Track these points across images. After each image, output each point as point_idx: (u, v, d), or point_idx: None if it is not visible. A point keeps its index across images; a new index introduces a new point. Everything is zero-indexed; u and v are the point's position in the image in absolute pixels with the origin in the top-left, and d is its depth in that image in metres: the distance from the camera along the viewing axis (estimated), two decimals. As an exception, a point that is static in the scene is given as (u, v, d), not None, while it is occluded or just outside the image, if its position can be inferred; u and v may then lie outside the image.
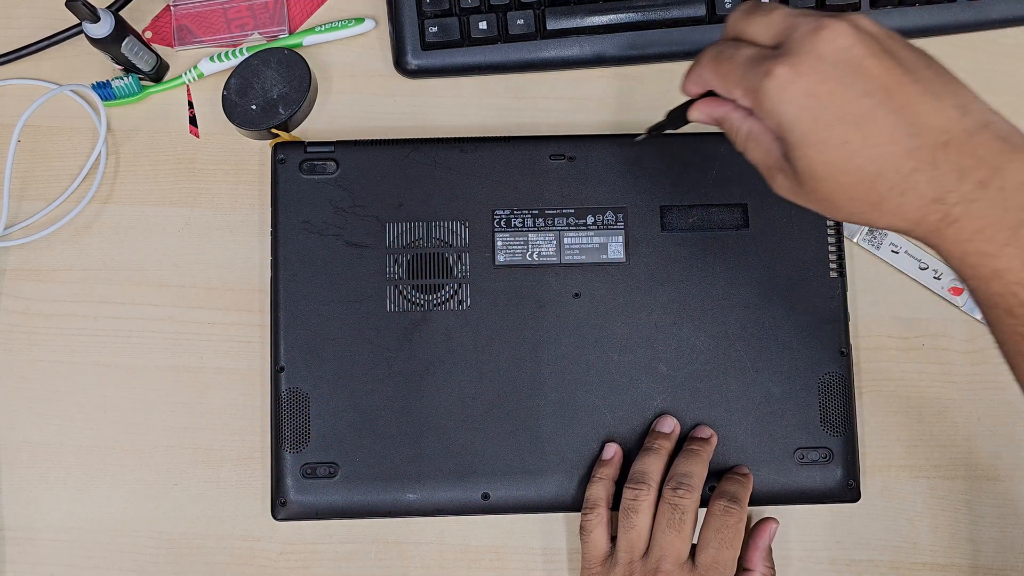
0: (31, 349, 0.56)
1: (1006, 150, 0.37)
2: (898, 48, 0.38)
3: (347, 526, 0.55)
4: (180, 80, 0.58)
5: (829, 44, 0.37)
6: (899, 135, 0.37)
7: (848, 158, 0.37)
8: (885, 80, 0.37)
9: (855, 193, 0.38)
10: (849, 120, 0.37)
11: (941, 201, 0.37)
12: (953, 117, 0.37)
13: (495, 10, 0.56)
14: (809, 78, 0.37)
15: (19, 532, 0.55)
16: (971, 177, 0.36)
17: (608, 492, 0.51)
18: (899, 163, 0.37)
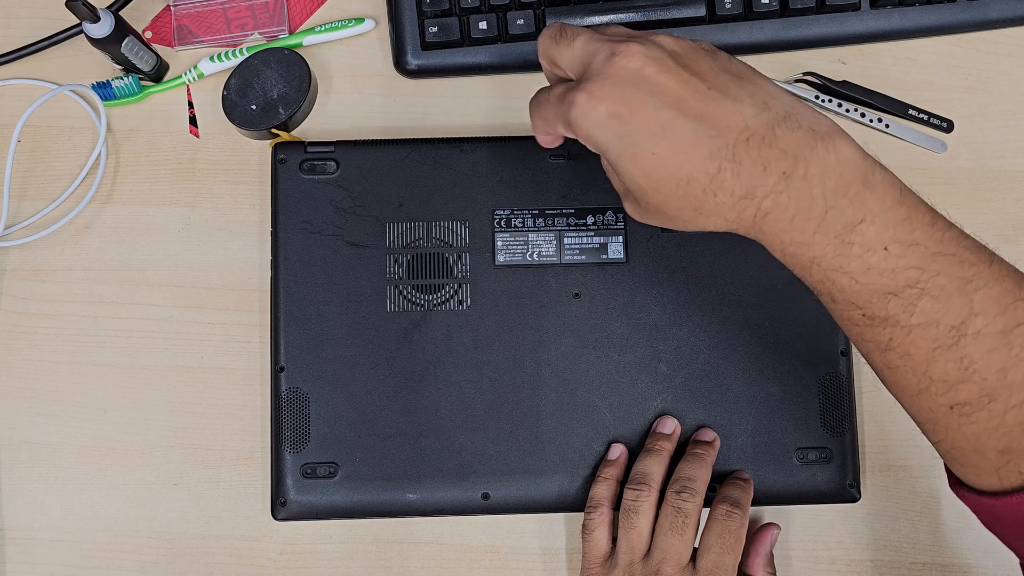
0: (31, 349, 0.56)
1: (808, 139, 0.38)
2: (695, 59, 0.40)
3: (347, 526, 0.55)
4: (180, 80, 0.58)
5: (622, 67, 0.39)
6: (700, 139, 0.38)
7: (660, 167, 0.39)
8: (680, 91, 0.38)
9: (677, 200, 0.39)
10: (652, 133, 0.38)
11: (751, 196, 0.38)
12: (751, 114, 0.38)
13: (495, 10, 0.56)
14: (608, 101, 0.39)
15: (19, 532, 0.55)
16: (775, 169, 0.37)
17: (612, 492, 0.51)
18: (705, 165, 0.38)
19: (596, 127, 0.39)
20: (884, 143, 0.58)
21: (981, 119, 0.59)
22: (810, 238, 0.38)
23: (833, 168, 0.37)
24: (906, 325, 0.37)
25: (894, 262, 0.37)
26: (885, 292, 0.37)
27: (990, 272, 0.37)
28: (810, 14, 0.57)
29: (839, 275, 0.38)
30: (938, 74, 0.59)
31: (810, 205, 0.37)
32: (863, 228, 0.37)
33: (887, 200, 0.37)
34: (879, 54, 0.59)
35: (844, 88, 0.58)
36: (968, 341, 0.37)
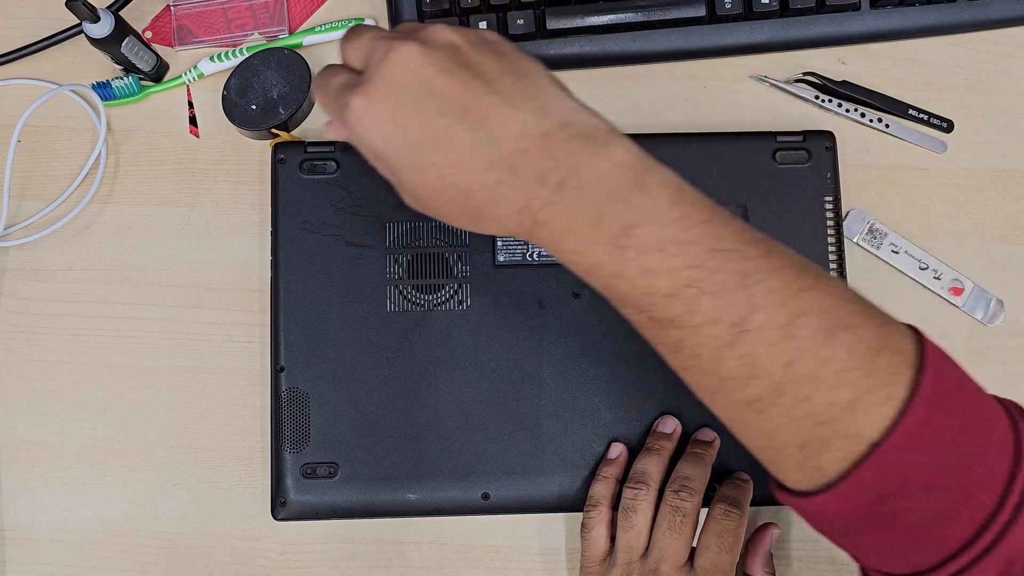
0: (31, 349, 0.56)
1: (583, 148, 0.37)
2: (478, 57, 0.37)
3: (347, 526, 0.55)
4: (180, 80, 0.58)
5: (400, 68, 0.37)
6: (479, 150, 0.36)
7: (438, 178, 0.37)
8: (459, 96, 0.36)
9: (458, 208, 0.38)
10: (430, 143, 0.36)
11: (527, 208, 0.37)
12: (531, 122, 0.36)
13: (495, 10, 0.56)
14: (384, 106, 0.37)
15: (19, 532, 0.55)
16: (549, 180, 0.36)
17: (611, 491, 0.51)
18: (484, 177, 0.37)
19: (369, 132, 0.37)
20: (884, 143, 0.58)
21: (981, 119, 0.59)
22: (586, 246, 0.37)
23: (607, 174, 0.36)
24: (691, 325, 0.37)
25: (670, 262, 0.36)
26: (665, 294, 0.37)
27: (769, 264, 0.37)
28: (810, 14, 0.57)
29: (618, 281, 0.37)
30: (938, 74, 0.59)
31: (583, 213, 0.36)
32: (638, 231, 0.36)
33: (662, 201, 0.37)
34: (879, 54, 0.59)
35: (844, 88, 0.58)
36: (751, 336, 0.36)
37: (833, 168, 0.55)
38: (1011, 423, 0.37)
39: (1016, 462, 0.36)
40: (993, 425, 0.37)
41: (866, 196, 0.58)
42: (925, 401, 0.35)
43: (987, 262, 0.57)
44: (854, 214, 0.57)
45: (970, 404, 0.37)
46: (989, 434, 0.36)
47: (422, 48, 0.37)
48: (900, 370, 0.36)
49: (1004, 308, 0.57)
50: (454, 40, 0.38)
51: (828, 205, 0.55)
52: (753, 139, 0.55)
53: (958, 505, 0.36)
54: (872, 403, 0.36)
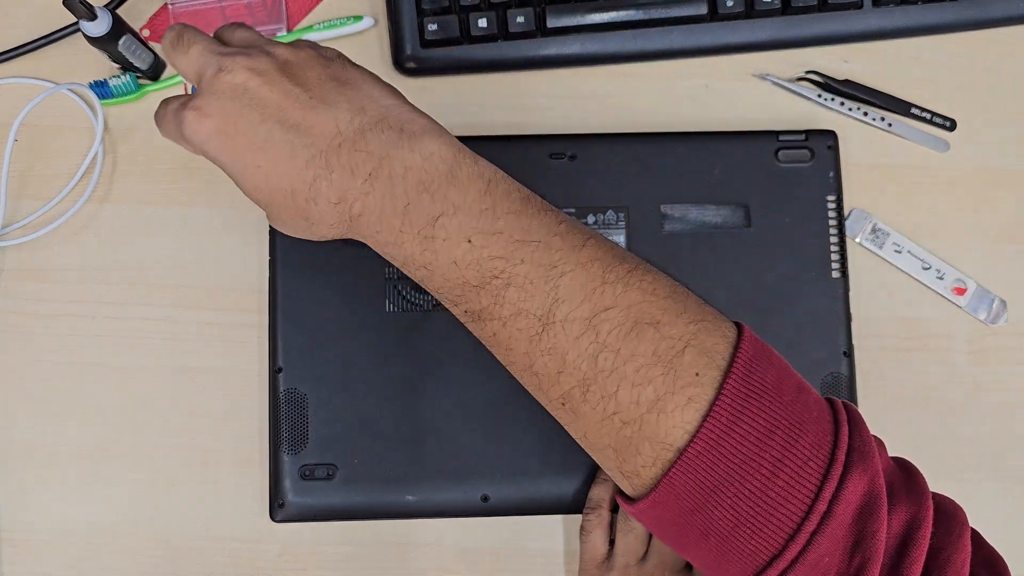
0: (28, 349, 0.56)
1: (395, 140, 0.38)
2: (304, 69, 0.40)
3: (346, 528, 0.54)
4: (178, 79, 0.58)
5: (227, 83, 0.39)
6: (296, 149, 0.38)
7: (266, 181, 0.39)
8: (279, 102, 0.38)
9: (289, 211, 0.39)
10: (256, 147, 0.38)
11: (344, 201, 0.38)
12: (345, 120, 0.38)
13: (495, 8, 0.56)
14: (215, 118, 0.39)
15: (16, 533, 0.54)
16: (361, 172, 0.38)
17: (610, 494, 0.51)
18: (303, 175, 0.38)
19: (207, 144, 0.39)
20: (887, 142, 0.58)
21: (984, 118, 0.58)
22: (397, 236, 0.38)
23: (416, 165, 0.37)
24: (500, 318, 0.37)
25: (477, 253, 0.37)
26: (474, 285, 0.37)
27: (577, 258, 0.37)
28: (812, 12, 0.57)
29: (430, 272, 0.38)
30: (941, 73, 0.59)
31: (393, 204, 0.37)
32: (444, 221, 0.37)
33: (471, 192, 0.37)
34: (882, 53, 0.59)
35: (846, 87, 0.58)
36: (556, 329, 0.36)
37: (836, 167, 0.55)
38: (833, 426, 0.36)
39: (828, 467, 0.34)
40: (807, 428, 0.35)
41: (869, 195, 0.57)
42: (729, 404, 0.34)
43: (990, 262, 0.57)
44: (856, 213, 0.57)
45: (784, 406, 0.35)
46: (799, 438, 0.34)
47: (249, 62, 0.39)
48: (705, 371, 0.35)
49: (1007, 308, 0.57)
50: (285, 55, 0.40)
51: (831, 204, 0.55)
52: (755, 138, 0.55)
53: (765, 514, 0.34)
54: (676, 404, 0.35)
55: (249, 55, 0.39)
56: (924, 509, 0.35)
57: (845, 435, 0.35)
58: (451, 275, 0.38)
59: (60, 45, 0.58)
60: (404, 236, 0.38)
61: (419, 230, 0.37)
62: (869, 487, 0.34)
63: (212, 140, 0.39)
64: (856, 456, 0.34)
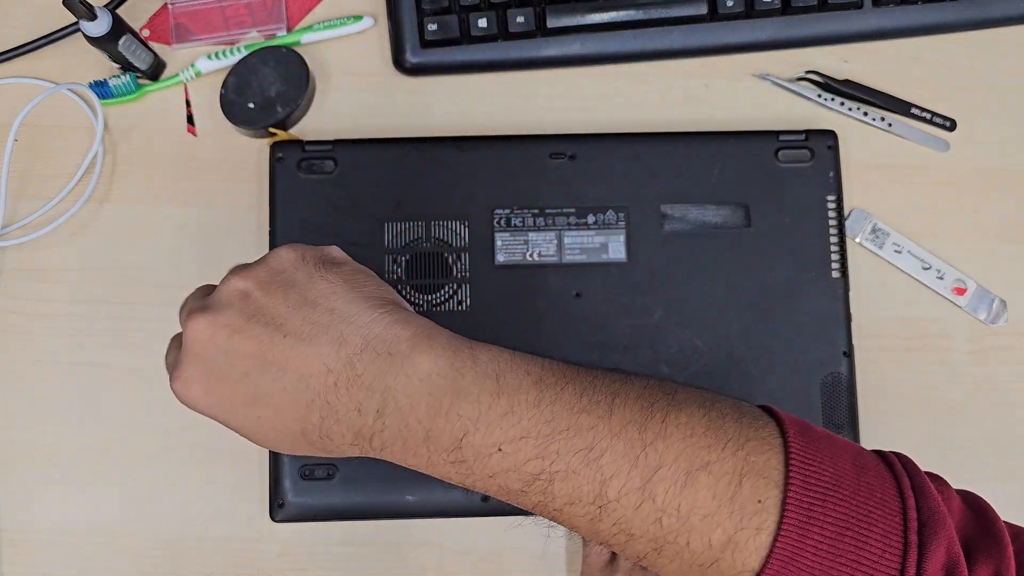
0: (28, 349, 0.56)
1: (387, 367, 0.36)
2: (267, 300, 0.38)
3: (346, 528, 0.54)
4: (177, 79, 0.58)
5: (195, 344, 0.37)
6: (293, 396, 0.36)
7: (272, 429, 0.38)
8: (256, 350, 0.37)
9: (303, 447, 0.38)
10: (247, 402, 0.37)
11: (360, 438, 0.37)
12: (330, 354, 0.36)
13: (495, 8, 0.56)
14: (197, 382, 0.38)
15: (16, 533, 0.54)
16: (369, 409, 0.36)
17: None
18: (308, 417, 0.37)
19: (201, 407, 0.38)
20: (887, 142, 0.58)
21: (984, 118, 0.58)
22: (427, 463, 0.37)
23: (418, 391, 0.36)
24: (554, 509, 0.36)
25: (511, 461, 0.35)
26: (517, 490, 0.36)
27: (610, 428, 0.36)
28: (812, 12, 0.57)
29: (472, 485, 0.37)
30: (941, 73, 0.59)
31: (412, 435, 0.36)
32: (468, 441, 0.35)
33: (484, 400, 0.36)
34: (882, 52, 0.59)
35: (846, 87, 0.58)
36: (614, 506, 0.35)
37: (835, 167, 0.55)
38: (899, 501, 0.35)
39: (904, 555, 0.34)
40: (875, 518, 0.35)
41: (869, 195, 0.57)
42: (795, 519, 0.34)
43: (990, 262, 0.57)
44: (856, 213, 0.57)
45: (847, 500, 0.35)
46: (869, 530, 0.34)
47: (208, 316, 0.37)
48: (766, 494, 0.35)
49: (1007, 308, 0.57)
50: (242, 288, 0.38)
51: (830, 204, 0.54)
52: (755, 138, 0.55)
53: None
54: (747, 536, 0.35)
55: (206, 307, 0.38)
56: (1005, 559, 0.35)
57: (913, 509, 0.35)
58: (492, 486, 0.36)
59: (60, 45, 0.58)
60: (434, 462, 0.36)
61: (447, 454, 0.36)
62: (947, 558, 0.34)
63: (203, 404, 0.38)
64: (928, 531, 0.34)
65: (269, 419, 0.37)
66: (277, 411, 0.37)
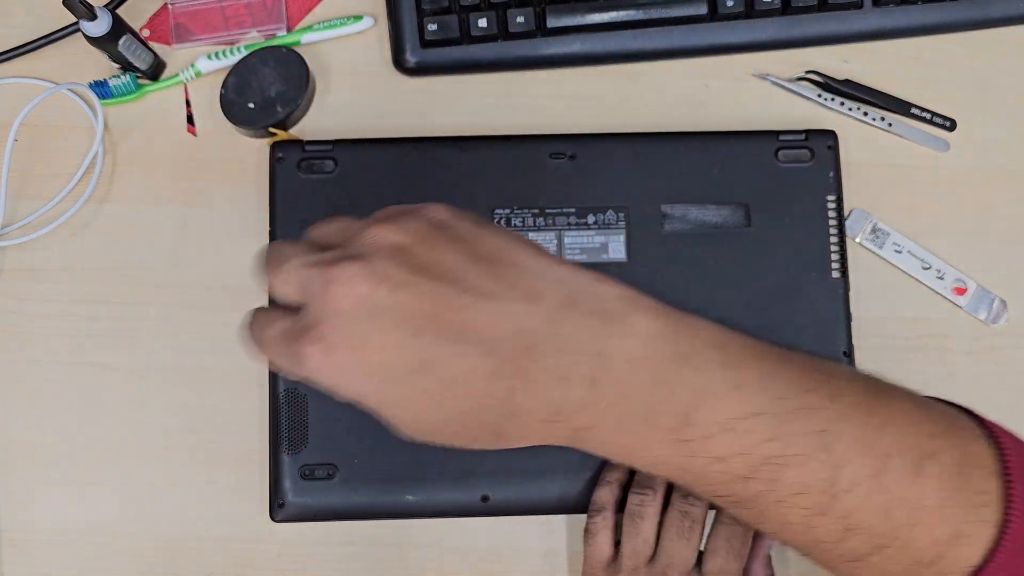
0: (27, 349, 0.56)
1: (601, 328, 0.31)
2: (432, 253, 0.31)
3: (346, 528, 0.54)
4: (177, 79, 0.58)
5: (346, 299, 0.30)
6: (473, 361, 0.30)
7: (439, 405, 0.31)
8: (426, 308, 0.30)
9: (471, 431, 0.32)
10: (414, 369, 0.30)
11: (560, 415, 0.31)
12: (522, 312, 0.30)
13: (495, 8, 0.56)
14: (345, 347, 0.30)
15: (15, 533, 0.54)
16: (576, 378, 0.31)
17: (616, 496, 0.50)
18: (490, 388, 0.30)
19: (340, 380, 0.31)
20: (887, 142, 0.58)
21: (984, 118, 0.58)
22: (643, 441, 0.32)
23: (638, 354, 0.31)
24: (776, 500, 0.33)
25: (741, 441, 0.31)
26: (742, 477, 0.32)
27: (838, 410, 0.33)
28: (812, 12, 0.57)
29: (687, 473, 0.33)
30: (941, 73, 0.59)
31: (630, 409, 0.31)
32: (697, 418, 0.31)
33: (709, 370, 0.32)
34: (882, 52, 0.59)
35: (846, 87, 0.58)
36: (843, 497, 0.32)
37: (836, 167, 0.55)
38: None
39: None
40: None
41: (869, 195, 0.57)
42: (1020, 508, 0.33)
43: (990, 262, 0.57)
44: (856, 213, 0.57)
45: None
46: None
47: (363, 267, 0.31)
48: (988, 484, 0.33)
49: (1007, 308, 0.57)
50: (397, 241, 0.32)
51: (830, 204, 0.54)
52: (755, 138, 0.55)
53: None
54: (972, 531, 0.33)
55: (358, 256, 0.31)
56: None
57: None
58: (714, 471, 0.32)
59: (60, 45, 0.58)
60: (651, 442, 0.32)
61: (668, 433, 0.31)
62: None
63: (348, 374, 0.31)
64: None
65: (435, 393, 0.31)
66: (448, 383, 0.31)
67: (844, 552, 0.34)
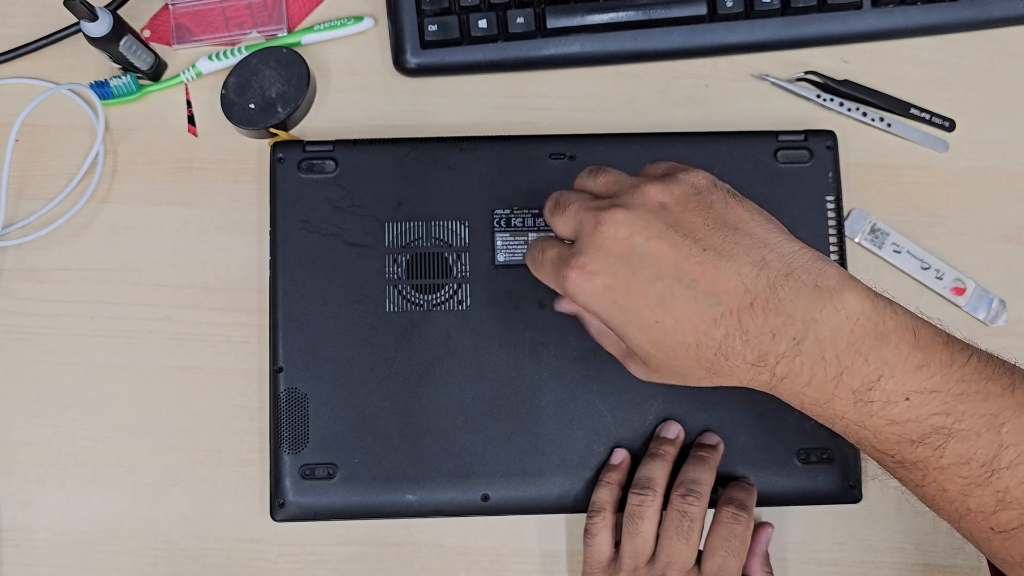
0: (28, 349, 0.56)
1: (814, 298, 0.37)
2: (687, 214, 0.39)
3: (346, 527, 0.54)
4: (178, 79, 0.58)
5: (610, 238, 0.38)
6: (701, 307, 0.37)
7: (666, 335, 0.38)
8: (673, 257, 0.38)
9: (689, 363, 0.39)
10: (654, 303, 0.38)
11: (763, 362, 0.37)
12: (750, 275, 0.37)
13: (495, 8, 0.56)
14: (601, 275, 0.39)
15: (16, 533, 0.54)
16: (784, 335, 0.37)
17: (615, 497, 0.51)
18: (711, 331, 0.37)
19: (593, 301, 0.39)
20: (886, 142, 0.58)
21: (983, 118, 0.58)
22: (829, 397, 0.37)
23: (843, 327, 0.37)
24: (938, 467, 0.37)
25: (916, 412, 0.37)
26: (911, 440, 0.37)
27: (1014, 400, 0.37)
28: (812, 12, 0.57)
29: (861, 429, 0.38)
30: (940, 73, 0.59)
31: (824, 368, 0.37)
32: (881, 383, 0.37)
33: (902, 349, 0.37)
34: (881, 53, 0.59)
35: (846, 87, 0.58)
36: (1002, 473, 0.36)
37: (835, 167, 0.55)
38: None
39: None
40: None
41: (868, 195, 0.57)
42: None
43: (989, 262, 0.57)
44: (856, 214, 0.57)
45: None
46: None
47: (629, 214, 0.38)
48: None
49: (1006, 308, 0.57)
50: (661, 199, 0.39)
51: (830, 204, 0.55)
52: (754, 138, 0.55)
53: None
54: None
55: (626, 206, 0.39)
56: None
57: None
58: (886, 433, 0.37)
59: (61, 45, 0.58)
60: (836, 399, 0.37)
61: (853, 393, 0.37)
62: None
63: (600, 297, 0.39)
64: None
65: (667, 327, 0.38)
66: (679, 320, 0.38)
67: (994, 524, 0.37)
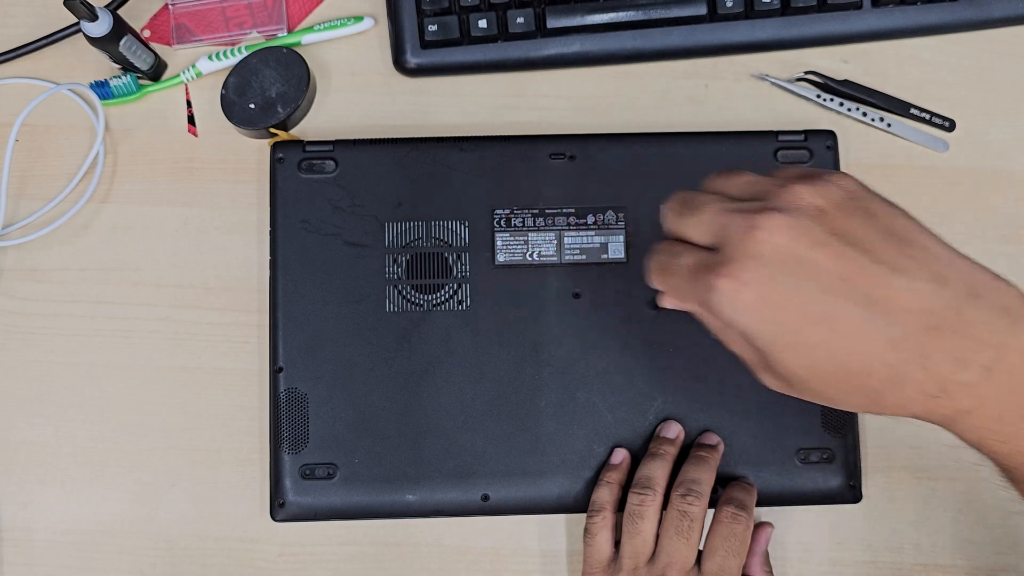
0: (28, 349, 0.56)
1: (1004, 323, 0.33)
2: (849, 221, 0.34)
3: (346, 527, 0.54)
4: (178, 79, 0.58)
5: (767, 244, 0.34)
6: (875, 327, 0.33)
7: (828, 358, 0.34)
8: (840, 269, 0.33)
9: (848, 388, 0.35)
10: (815, 320, 0.34)
11: (945, 392, 0.34)
12: (931, 293, 0.33)
13: (495, 8, 0.56)
14: (756, 286, 0.34)
15: (16, 533, 0.54)
16: (974, 364, 0.33)
17: (615, 496, 0.51)
18: (884, 356, 0.33)
19: (743, 315, 0.34)
20: (886, 142, 0.58)
21: (983, 118, 0.58)
22: (1017, 431, 0.34)
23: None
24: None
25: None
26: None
27: None
28: (812, 12, 0.57)
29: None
30: (940, 73, 0.59)
31: (1016, 401, 0.34)
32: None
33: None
34: (881, 53, 0.59)
35: (846, 87, 0.58)
36: None
37: (835, 167, 0.55)
38: None
39: None
40: None
41: (868, 195, 0.57)
42: None
43: (989, 262, 0.56)
44: (856, 214, 0.57)
45: None
46: None
47: (787, 219, 0.34)
48: None
49: (1007, 308, 0.56)
50: (817, 203, 0.35)
51: (830, 204, 0.55)
52: (755, 138, 0.55)
53: None
54: None
55: (780, 209, 0.34)
56: None
57: None
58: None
59: (61, 45, 0.58)
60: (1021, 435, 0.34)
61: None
62: None
63: (751, 310, 0.34)
64: None
65: (830, 345, 0.34)
66: (845, 338, 0.33)
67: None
